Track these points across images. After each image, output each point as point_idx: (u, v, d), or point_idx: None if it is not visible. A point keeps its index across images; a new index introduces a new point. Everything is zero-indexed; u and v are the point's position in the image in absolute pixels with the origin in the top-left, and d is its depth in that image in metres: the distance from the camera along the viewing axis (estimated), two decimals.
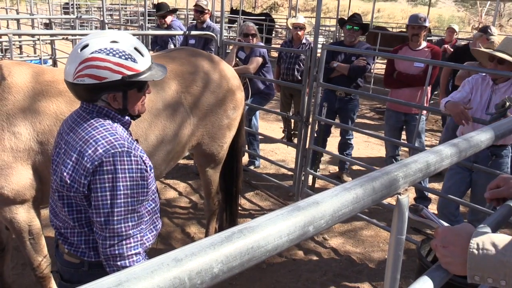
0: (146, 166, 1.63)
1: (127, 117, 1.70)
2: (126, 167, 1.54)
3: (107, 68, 1.53)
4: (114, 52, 1.55)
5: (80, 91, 1.59)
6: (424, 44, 4.61)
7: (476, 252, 0.96)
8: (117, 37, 1.59)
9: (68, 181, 1.57)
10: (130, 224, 1.56)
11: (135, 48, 1.60)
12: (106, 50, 1.54)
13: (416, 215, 1.21)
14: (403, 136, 4.98)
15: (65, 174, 1.58)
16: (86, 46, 1.55)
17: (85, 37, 1.60)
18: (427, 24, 4.51)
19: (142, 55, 1.62)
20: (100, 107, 1.63)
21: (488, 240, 0.97)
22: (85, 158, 1.53)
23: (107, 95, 1.60)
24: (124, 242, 1.55)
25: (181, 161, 5.08)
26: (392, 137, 4.62)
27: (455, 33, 7.90)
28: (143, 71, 1.61)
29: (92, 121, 1.61)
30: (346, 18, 5.17)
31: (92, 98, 1.61)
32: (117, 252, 1.54)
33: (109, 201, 1.52)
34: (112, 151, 1.53)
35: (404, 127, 4.73)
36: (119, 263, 1.55)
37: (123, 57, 1.56)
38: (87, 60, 1.53)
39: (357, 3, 28.78)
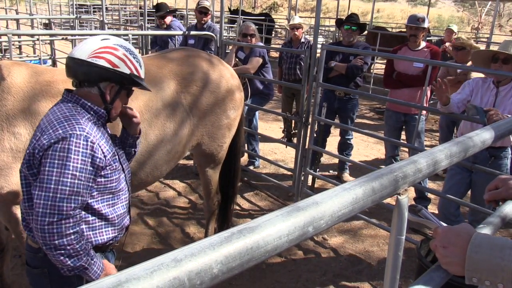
0: (105, 159, 1.70)
1: (103, 111, 1.78)
2: (81, 150, 1.60)
3: (123, 60, 1.73)
4: (131, 52, 1.78)
5: (86, 70, 1.69)
6: (423, 44, 4.61)
7: (474, 254, 0.96)
8: (130, 46, 1.83)
9: (26, 157, 1.64)
10: (72, 205, 1.59)
11: (140, 58, 1.84)
12: (125, 48, 1.76)
13: (414, 215, 1.21)
14: (403, 136, 4.98)
15: (26, 151, 1.66)
16: (107, 39, 1.74)
17: (104, 35, 1.81)
18: (425, 25, 4.50)
19: (141, 67, 1.85)
20: (78, 97, 1.73)
21: (488, 242, 0.97)
22: (44, 136, 1.61)
23: (107, 84, 1.74)
24: (63, 221, 1.58)
25: (181, 161, 5.08)
26: (391, 137, 4.62)
27: (454, 34, 7.90)
28: (142, 78, 1.83)
29: (64, 108, 1.70)
30: (343, 18, 5.18)
31: (92, 81, 1.72)
32: (55, 230, 1.57)
33: (54, 178, 1.56)
34: (70, 132, 1.60)
35: (404, 127, 4.73)
36: (57, 241, 1.57)
37: (135, 59, 1.79)
38: (109, 47, 1.71)
39: (357, 3, 28.78)
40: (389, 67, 4.69)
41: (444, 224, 1.18)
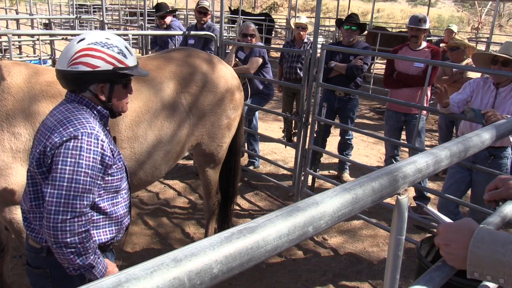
0: (113, 157, 1.72)
1: (106, 111, 1.78)
2: (92, 148, 1.62)
3: (102, 58, 1.68)
4: (108, 45, 1.70)
5: (71, 78, 1.69)
6: (424, 44, 4.60)
7: (476, 249, 0.97)
8: (110, 36, 1.75)
9: (37, 155, 1.65)
10: (85, 203, 1.61)
11: (126, 47, 1.76)
12: (101, 43, 1.69)
13: (417, 213, 1.22)
14: (403, 136, 4.98)
15: (37, 150, 1.66)
16: (82, 39, 1.69)
17: (82, 34, 1.75)
18: (427, 26, 4.47)
19: (130, 53, 1.78)
20: (82, 97, 1.73)
21: (490, 238, 0.97)
22: (55, 134, 1.62)
23: (96, 85, 1.71)
24: (76, 219, 1.59)
25: (181, 161, 5.08)
26: (392, 137, 4.62)
27: (454, 34, 7.90)
28: (131, 67, 1.76)
29: (71, 107, 1.71)
30: (343, 19, 5.18)
31: (81, 87, 1.71)
32: (68, 228, 1.57)
33: (68, 176, 1.57)
34: (82, 130, 1.62)
35: (404, 127, 4.73)
36: (69, 239, 1.58)
37: (115, 51, 1.71)
38: (84, 50, 1.67)
39: (357, 3, 28.78)
40: (390, 67, 4.69)
41: (448, 220, 1.18)
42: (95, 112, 1.75)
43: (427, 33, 4.70)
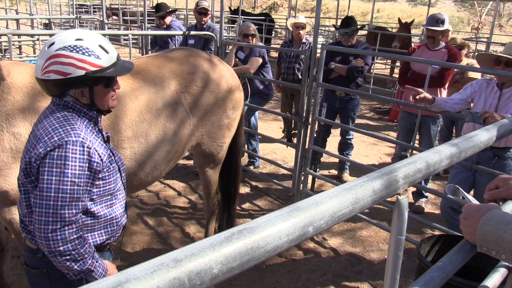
0: (102, 162, 1.69)
1: (93, 111, 1.75)
2: (78, 156, 1.59)
3: (71, 64, 1.60)
4: (78, 49, 1.61)
5: (48, 86, 1.66)
6: (442, 44, 4.51)
7: (484, 226, 1.07)
8: (82, 35, 1.65)
9: (23, 166, 1.64)
10: (74, 211, 1.60)
11: (100, 46, 1.66)
12: (70, 47, 1.61)
13: (453, 195, 1.46)
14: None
15: (24, 160, 1.65)
16: (52, 44, 1.62)
17: (53, 36, 1.68)
18: (445, 27, 4.36)
19: (106, 52, 1.68)
20: (67, 101, 1.69)
21: (498, 217, 1.06)
22: (40, 144, 1.60)
23: (75, 90, 1.67)
24: (66, 228, 1.59)
25: (181, 161, 5.08)
26: (404, 138, 4.54)
27: (451, 32, 7.90)
28: (107, 67, 1.67)
29: (58, 114, 1.68)
30: (340, 22, 5.16)
31: (61, 93, 1.67)
32: (59, 237, 1.57)
33: (54, 186, 1.56)
34: (66, 139, 1.59)
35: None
36: (62, 248, 1.58)
37: (86, 54, 1.62)
38: (52, 57, 1.60)
39: (357, 3, 28.78)
40: (405, 66, 4.62)
41: (477, 202, 1.32)
42: (81, 114, 1.71)
43: (446, 33, 4.59)
